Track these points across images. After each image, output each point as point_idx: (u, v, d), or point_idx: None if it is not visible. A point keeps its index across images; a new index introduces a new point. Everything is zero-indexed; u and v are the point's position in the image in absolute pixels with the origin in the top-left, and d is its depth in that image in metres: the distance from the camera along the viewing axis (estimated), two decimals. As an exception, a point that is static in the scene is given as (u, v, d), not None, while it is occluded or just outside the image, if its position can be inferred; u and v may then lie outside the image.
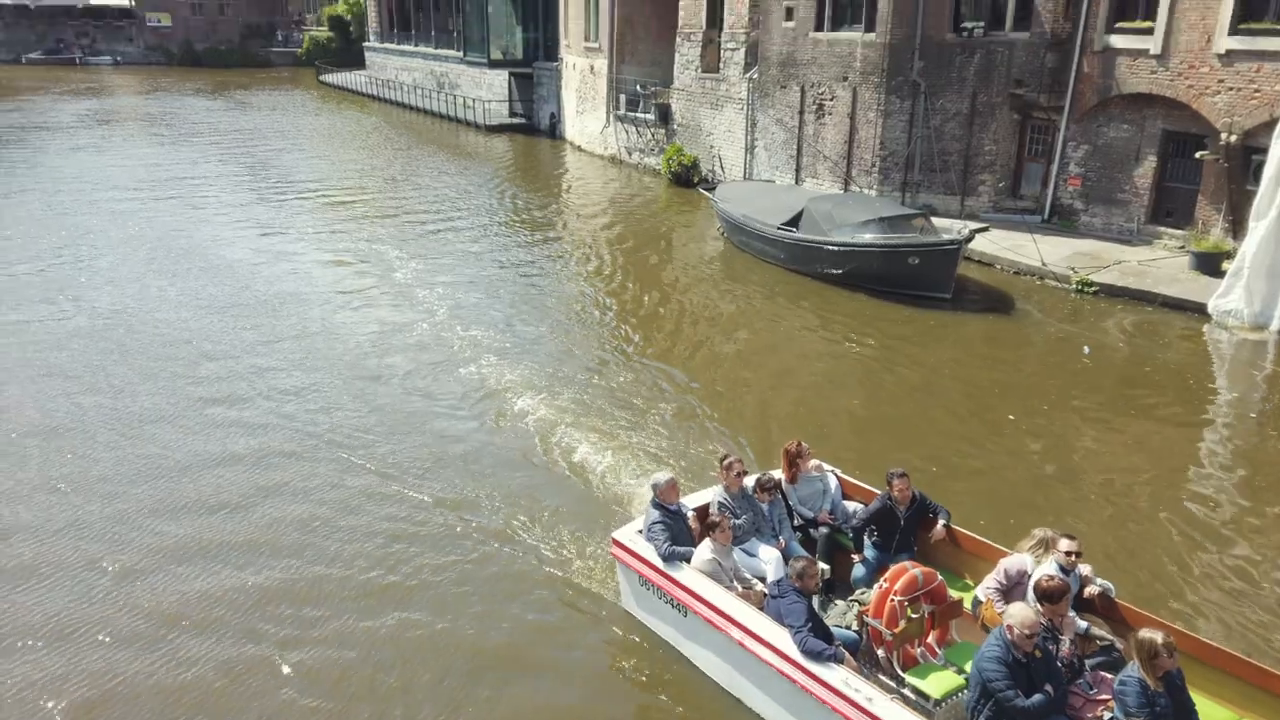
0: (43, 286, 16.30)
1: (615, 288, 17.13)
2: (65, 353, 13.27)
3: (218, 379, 12.42)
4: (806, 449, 7.92)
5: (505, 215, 23.39)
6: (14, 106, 44.70)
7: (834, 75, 20.54)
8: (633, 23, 29.62)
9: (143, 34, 74.15)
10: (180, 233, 20.37)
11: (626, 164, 29.57)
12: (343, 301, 15.89)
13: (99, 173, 27.60)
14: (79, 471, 9.94)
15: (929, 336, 14.38)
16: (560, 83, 34.97)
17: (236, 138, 35.76)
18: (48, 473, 9.92)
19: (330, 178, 28.10)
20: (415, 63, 50.03)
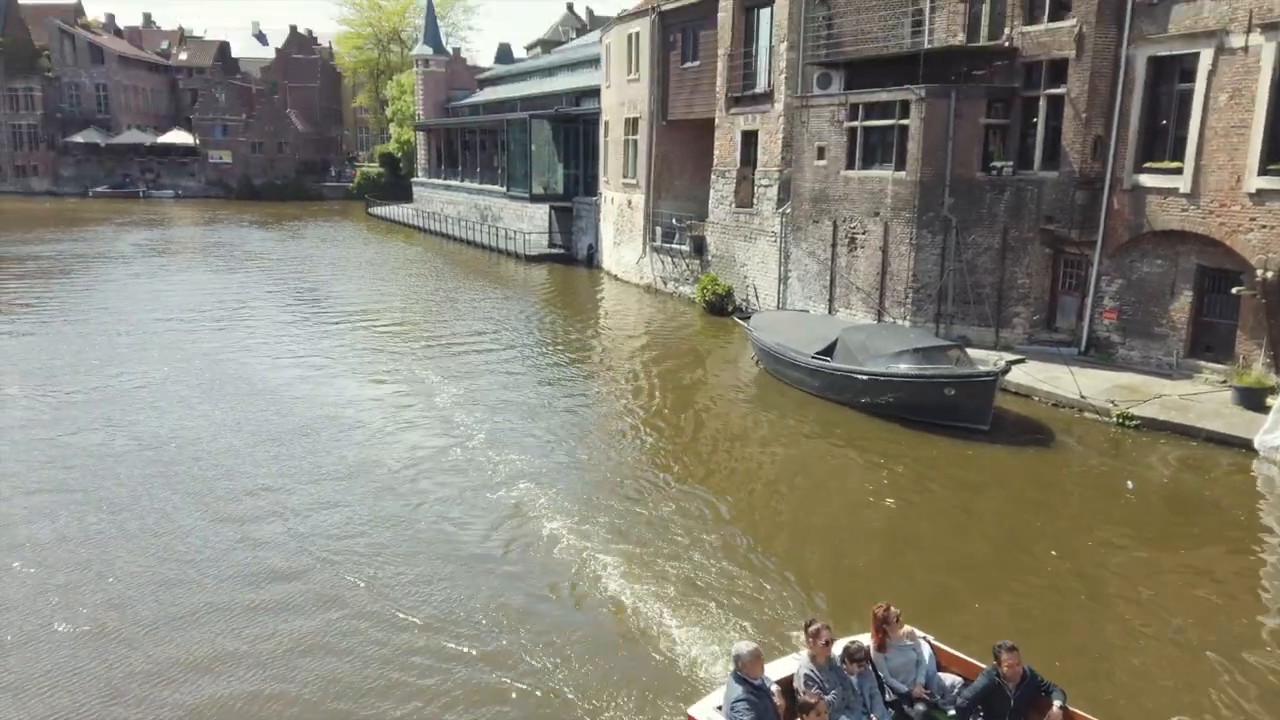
0: (88, 408, 16.68)
1: (652, 414, 17.21)
2: (102, 478, 13.31)
3: (253, 510, 12.33)
4: (896, 613, 7.28)
5: (544, 341, 23.82)
6: (79, 236, 46.96)
7: (865, 210, 21.06)
8: (669, 160, 30.82)
9: (204, 169, 78.33)
10: (228, 357, 20.92)
11: (662, 293, 30.18)
12: (383, 425, 16.06)
13: (153, 299, 28.67)
14: (102, 608, 9.89)
15: (967, 469, 14.18)
16: (599, 216, 36.18)
17: (287, 266, 37.15)
18: (72, 609, 9.90)
19: (376, 304, 28.94)
20: (460, 196, 52.19)
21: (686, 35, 28.80)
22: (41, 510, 12.14)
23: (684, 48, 29.02)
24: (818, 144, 22.18)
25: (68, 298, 28.69)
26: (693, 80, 28.65)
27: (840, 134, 21.43)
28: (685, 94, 29.20)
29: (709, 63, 27.41)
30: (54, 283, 31.67)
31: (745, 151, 26.00)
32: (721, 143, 26.96)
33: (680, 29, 29.07)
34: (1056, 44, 18.37)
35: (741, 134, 26.01)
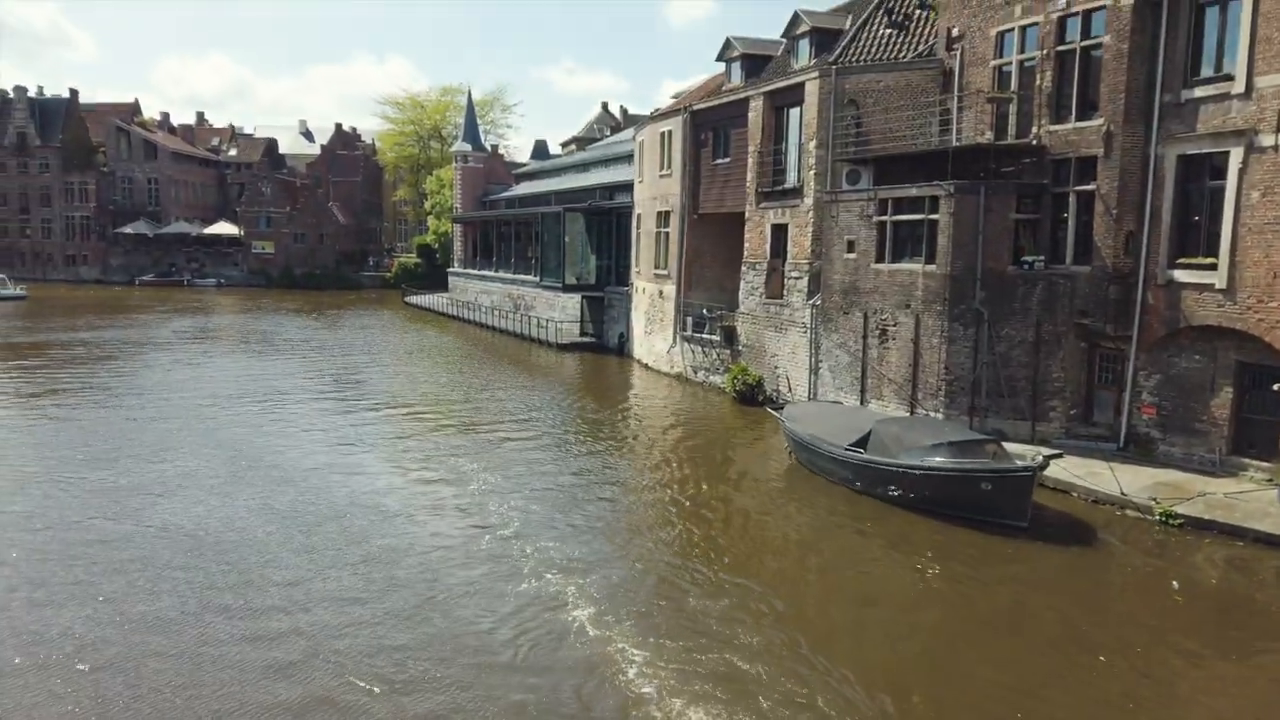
0: (116, 493, 16.85)
1: (684, 505, 17.03)
2: (118, 574, 13.20)
3: (273, 601, 12.25)
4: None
5: (575, 429, 23.83)
6: (123, 323, 48.22)
7: (896, 303, 21.12)
8: (700, 252, 31.27)
9: (247, 259, 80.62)
10: (263, 442, 21.12)
11: (692, 382, 30.22)
12: (414, 513, 16.02)
13: (192, 385, 29.18)
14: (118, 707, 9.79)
15: (1008, 568, 13.81)
16: (630, 305, 36.58)
17: (324, 353, 37.77)
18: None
19: (410, 391, 29.23)
20: (494, 286, 53.13)
21: (718, 133, 29.56)
22: (59, 598, 12.14)
23: (715, 145, 29.75)
24: (847, 237, 22.42)
25: (109, 382, 29.27)
26: (724, 176, 29.27)
27: (870, 228, 21.68)
28: (716, 189, 29.80)
29: (739, 159, 28.04)
30: (97, 367, 32.38)
31: (775, 244, 26.34)
32: (752, 236, 27.36)
33: (711, 127, 29.86)
34: (1085, 142, 18.62)
35: (771, 227, 26.40)
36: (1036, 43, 19.64)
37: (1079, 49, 18.82)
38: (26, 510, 15.72)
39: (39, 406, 25.39)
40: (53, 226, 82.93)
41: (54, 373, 31.24)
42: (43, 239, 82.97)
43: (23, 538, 14.33)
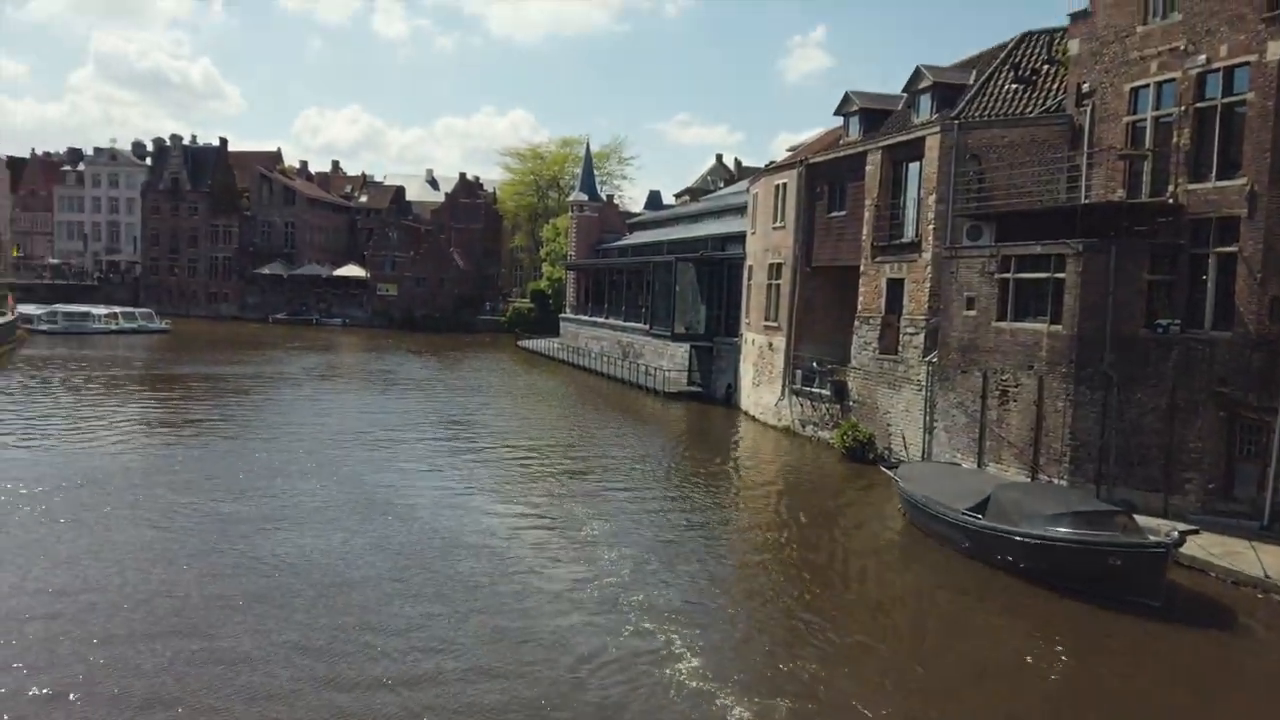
0: (241, 524, 17.67)
1: (793, 564, 16.72)
2: (225, 613, 13.87)
3: (380, 647, 12.45)
4: None
5: (682, 479, 23.79)
6: (256, 359, 50.97)
7: (1018, 363, 20.42)
8: (811, 305, 31.01)
9: (371, 300, 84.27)
10: (380, 478, 21.85)
11: (800, 436, 29.80)
12: (520, 556, 16.24)
13: (316, 420, 30.54)
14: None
15: (1138, 653, 12.99)
16: (738, 356, 36.49)
17: (441, 393, 38.97)
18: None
19: (520, 433, 29.80)
20: (604, 333, 53.89)
21: (833, 186, 29.45)
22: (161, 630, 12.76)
23: (830, 198, 29.63)
24: (967, 294, 21.88)
25: (242, 415, 30.93)
26: (838, 229, 29.08)
27: (991, 285, 21.11)
28: (830, 241, 29.61)
29: (855, 212, 27.83)
30: (230, 400, 34.28)
31: (890, 299, 25.90)
32: (866, 290, 27.00)
33: (827, 180, 29.78)
34: (1226, 202, 17.74)
35: (887, 282, 26.01)
36: (1174, 99, 18.92)
37: (1220, 106, 18.04)
38: (162, 538, 16.67)
39: (177, 437, 27.02)
40: (198, 265, 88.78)
41: (191, 404, 33.23)
42: (188, 277, 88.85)
43: (157, 568, 15.19)
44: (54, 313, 64.51)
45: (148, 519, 17.54)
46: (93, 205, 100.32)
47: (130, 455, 23.66)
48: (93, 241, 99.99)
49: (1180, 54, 18.76)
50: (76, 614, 12.76)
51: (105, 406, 31.67)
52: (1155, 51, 19.37)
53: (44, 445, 24.47)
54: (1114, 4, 20.53)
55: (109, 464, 22.33)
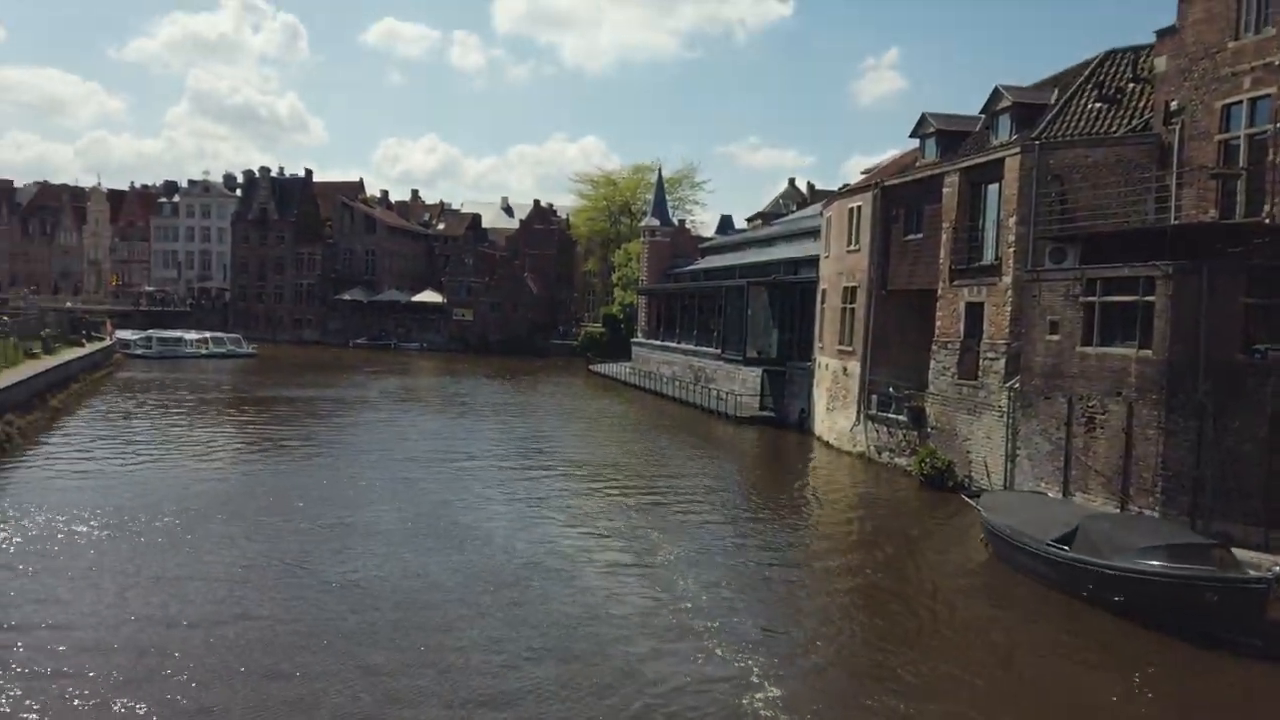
0: (312, 545, 18.10)
1: (871, 594, 16.39)
2: (292, 648, 14.09)
3: (450, 666, 12.54)
4: None
5: (755, 504, 23.57)
6: (338, 383, 52.38)
7: (1105, 389, 19.75)
8: (887, 329, 30.54)
9: (448, 325, 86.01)
10: (454, 500, 22.19)
11: (876, 463, 29.29)
12: (593, 580, 16.27)
13: (393, 443, 31.21)
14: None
15: (1239, 694, 12.34)
16: (812, 381, 36.11)
17: (514, 417, 39.48)
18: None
19: (593, 457, 29.96)
20: (676, 357, 53.93)
21: (909, 209, 29.07)
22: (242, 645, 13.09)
23: (906, 221, 29.23)
24: (1050, 318, 21.28)
25: (322, 438, 31.80)
26: (914, 252, 28.65)
27: (1075, 309, 20.50)
28: (906, 265, 29.19)
29: (932, 235, 27.40)
30: (312, 422, 35.29)
31: (969, 323, 25.37)
32: (944, 314, 26.50)
33: (903, 203, 29.41)
34: (1329, 220, 16.95)
35: (965, 305, 25.49)
36: (1269, 116, 18.22)
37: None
38: (249, 554, 17.20)
39: (263, 459, 27.90)
40: (284, 292, 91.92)
41: (276, 427, 34.29)
42: (274, 303, 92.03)
43: (242, 586, 15.68)
44: (149, 338, 67.47)
45: (232, 540, 18.11)
46: (186, 235, 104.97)
47: (218, 476, 24.53)
48: (186, 269, 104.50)
49: (1275, 69, 18.08)
50: (171, 631, 13.23)
51: (195, 429, 32.92)
52: (1248, 67, 18.71)
53: (138, 466, 25.51)
54: (1203, 20, 19.92)
55: (198, 485, 23.17)
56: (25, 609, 13.87)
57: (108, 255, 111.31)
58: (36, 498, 20.87)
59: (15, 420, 28.62)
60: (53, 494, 21.37)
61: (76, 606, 14.03)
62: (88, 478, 23.43)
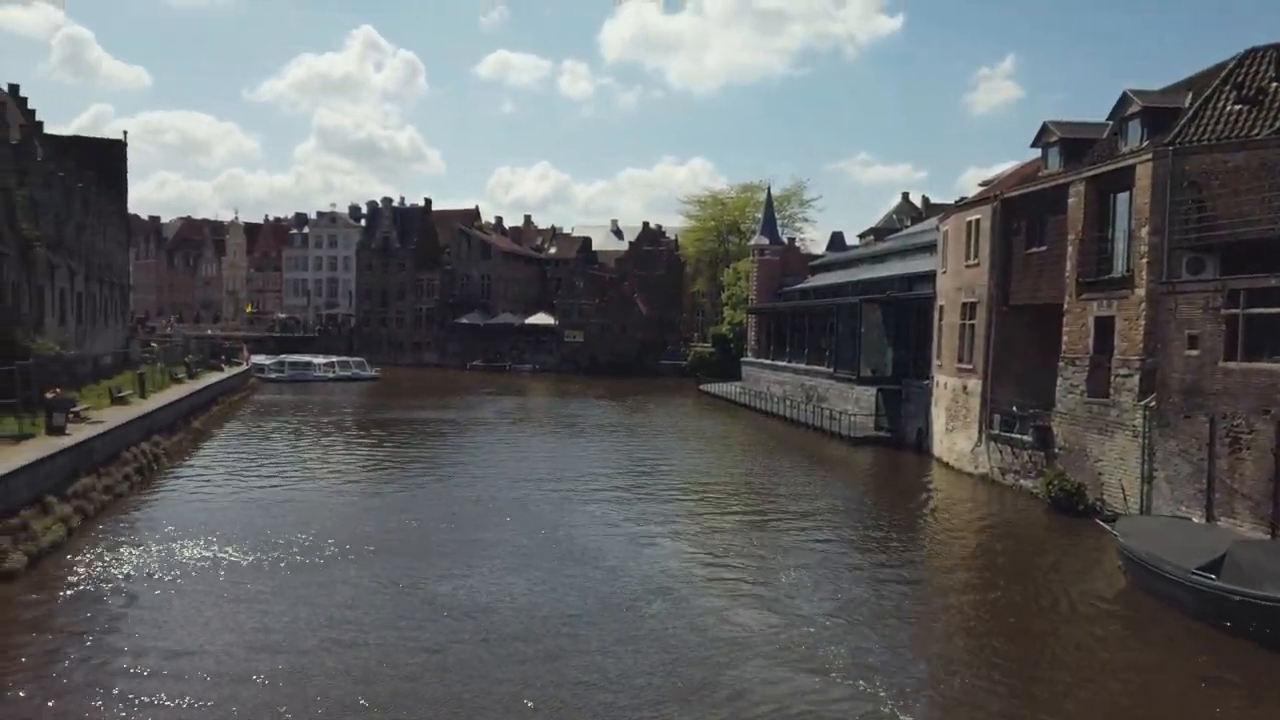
0: (431, 564, 18.59)
1: (999, 621, 15.74)
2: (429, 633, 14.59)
3: (561, 684, 12.59)
4: None
5: (873, 527, 23.01)
6: (456, 404, 53.98)
7: (1252, 407, 18.49)
8: (1009, 346, 29.44)
9: (559, 347, 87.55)
10: (565, 521, 22.45)
11: (999, 485, 28.17)
12: (708, 603, 16.17)
13: (508, 463, 31.89)
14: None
15: None
16: (929, 400, 35.10)
17: (625, 437, 39.77)
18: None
19: (704, 478, 29.88)
20: (787, 376, 53.31)
21: (1032, 221, 28.02)
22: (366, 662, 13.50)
23: (1029, 233, 28.18)
24: (1189, 332, 20.11)
25: (440, 458, 32.79)
26: (1038, 265, 27.57)
27: (1217, 322, 19.32)
28: (1030, 279, 28.10)
29: (1057, 247, 26.31)
30: (431, 443, 36.43)
31: (1099, 338, 24.20)
32: (1071, 329, 25.36)
33: (1025, 215, 28.38)
34: None
35: (1095, 320, 24.34)
36: None
37: None
38: (373, 574, 17.85)
39: (385, 478, 28.97)
40: (404, 317, 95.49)
41: (397, 447, 35.56)
42: (396, 328, 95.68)
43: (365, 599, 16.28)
44: (281, 362, 71.16)
45: (359, 558, 18.83)
46: (315, 264, 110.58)
47: (344, 497, 25.65)
48: (314, 297, 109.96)
49: None
50: (301, 644, 13.86)
51: (322, 450, 34.47)
52: None
53: (271, 486, 26.87)
54: (1357, 9, 18.54)
55: (325, 505, 24.30)
56: (159, 631, 14.75)
57: (244, 285, 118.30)
58: (179, 517, 22.25)
59: (162, 441, 30.60)
60: (194, 513, 22.74)
61: (199, 625, 14.84)
62: (225, 498, 24.82)
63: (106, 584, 16.48)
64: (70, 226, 38.90)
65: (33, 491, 19.41)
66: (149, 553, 18.55)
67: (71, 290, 37.91)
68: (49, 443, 22.16)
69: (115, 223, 49.91)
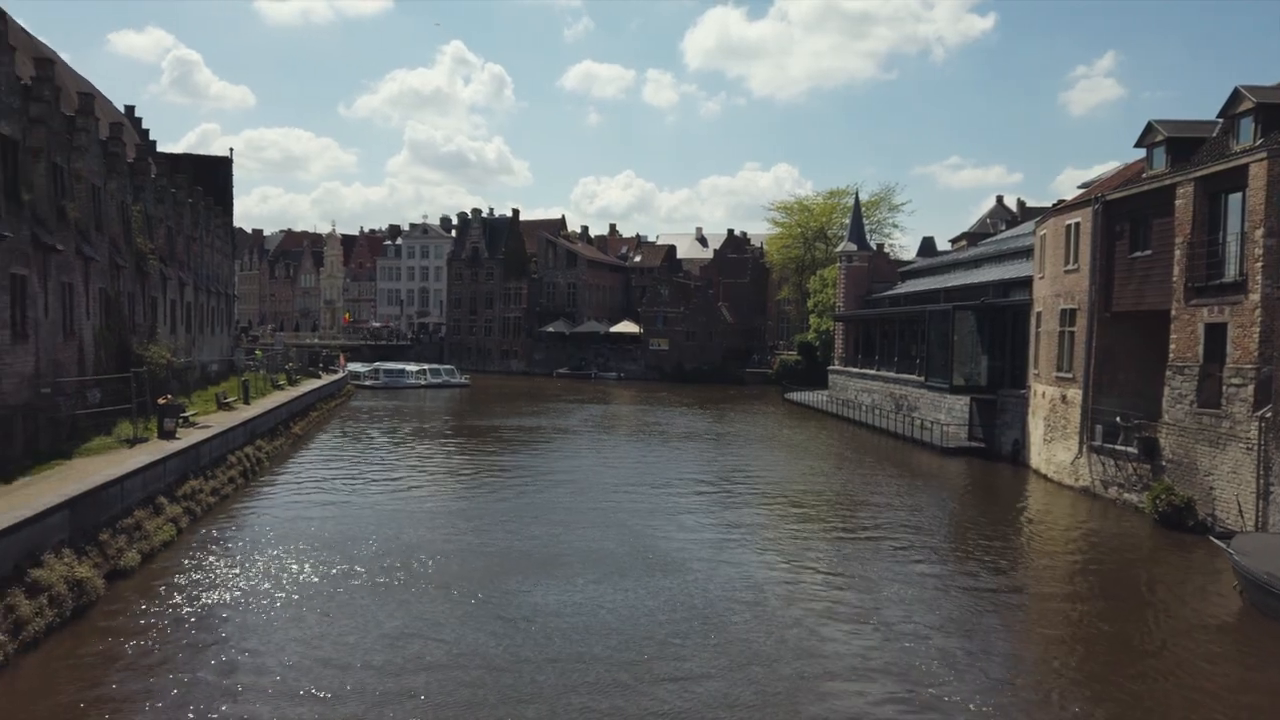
0: (519, 573, 18.79)
1: (1107, 644, 15.04)
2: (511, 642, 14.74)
3: (650, 697, 12.65)
4: None
5: (968, 541, 22.34)
6: (543, 412, 54.61)
7: (1383, 419, 17.30)
8: (1112, 353, 28.28)
9: (644, 355, 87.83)
10: (652, 530, 22.47)
11: (1101, 499, 27.04)
12: (794, 616, 15.95)
13: (596, 469, 32.13)
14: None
15: None
16: (1026, 410, 33.95)
17: (711, 446, 39.58)
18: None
19: (791, 487, 29.49)
20: (876, 385, 52.35)
21: (1135, 224, 26.88)
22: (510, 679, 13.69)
23: (1132, 236, 27.04)
24: (1310, 340, 18.96)
25: (528, 465, 33.20)
26: (1142, 270, 26.41)
27: (1342, 329, 18.15)
28: (1133, 284, 26.94)
29: (1163, 251, 25.17)
30: (519, 450, 36.93)
31: (1210, 346, 23.02)
32: (1179, 336, 24.21)
33: (1128, 218, 27.24)
34: None
35: (1205, 327, 23.18)
36: None
37: None
38: (466, 578, 18.18)
39: (475, 483, 29.49)
40: (493, 325, 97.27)
41: (486, 454, 36.18)
42: (484, 336, 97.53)
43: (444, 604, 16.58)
44: (376, 370, 73.32)
45: (448, 567, 19.22)
46: (407, 274, 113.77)
47: (436, 502, 26.24)
48: (407, 306, 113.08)
49: None
50: (419, 656, 14.21)
51: (415, 456, 35.34)
52: None
53: (365, 491, 27.67)
54: None
55: (418, 510, 24.88)
56: (259, 636, 15.29)
57: (341, 294, 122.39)
58: (280, 520, 23.12)
59: (264, 445, 31.83)
60: (293, 516, 23.59)
61: (297, 631, 15.33)
62: (322, 502, 25.65)
63: (211, 583, 17.21)
64: (181, 240, 40.90)
65: (146, 493, 20.42)
66: (252, 555, 19.31)
67: (182, 300, 39.82)
68: (160, 447, 23.29)
69: (222, 236, 52.29)
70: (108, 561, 16.97)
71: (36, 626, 13.67)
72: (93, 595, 15.54)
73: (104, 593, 15.97)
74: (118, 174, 31.18)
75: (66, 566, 15.26)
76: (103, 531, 17.49)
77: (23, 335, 21.80)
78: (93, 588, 15.63)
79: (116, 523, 18.25)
